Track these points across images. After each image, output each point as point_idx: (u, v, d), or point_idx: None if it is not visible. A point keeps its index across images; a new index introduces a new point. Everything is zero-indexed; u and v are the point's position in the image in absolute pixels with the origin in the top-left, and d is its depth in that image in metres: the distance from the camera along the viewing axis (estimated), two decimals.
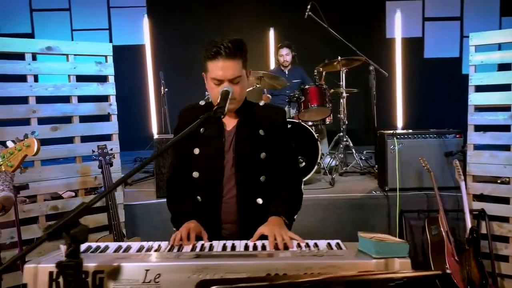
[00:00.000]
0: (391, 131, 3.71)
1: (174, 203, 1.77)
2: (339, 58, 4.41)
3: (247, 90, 3.98)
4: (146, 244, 1.47)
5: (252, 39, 6.15)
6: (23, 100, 3.05)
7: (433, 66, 6.59)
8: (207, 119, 1.38)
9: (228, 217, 1.71)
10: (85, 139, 3.27)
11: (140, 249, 1.41)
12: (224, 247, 1.44)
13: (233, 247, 1.44)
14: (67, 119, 3.22)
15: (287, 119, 4.00)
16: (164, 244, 1.47)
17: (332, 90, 4.51)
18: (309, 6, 4.42)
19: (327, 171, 4.23)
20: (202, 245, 1.46)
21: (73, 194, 3.40)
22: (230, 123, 1.76)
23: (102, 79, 3.37)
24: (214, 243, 1.48)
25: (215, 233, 1.61)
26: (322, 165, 4.27)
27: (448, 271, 0.84)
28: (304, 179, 3.89)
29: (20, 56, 3.03)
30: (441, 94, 6.37)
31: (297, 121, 4.06)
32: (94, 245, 1.46)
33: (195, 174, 1.73)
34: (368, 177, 4.40)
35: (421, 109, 6.26)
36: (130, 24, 6.20)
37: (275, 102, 4.93)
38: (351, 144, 4.67)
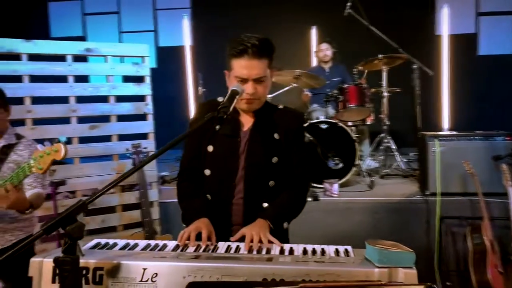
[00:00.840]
0: (433, 133, 3.52)
1: (183, 199, 1.73)
2: (380, 56, 4.25)
3: (279, 91, 4.00)
4: (153, 242, 1.47)
5: (293, 38, 6.12)
6: (64, 100, 3.20)
7: (488, 64, 6.18)
8: (211, 119, 1.35)
9: (236, 219, 1.67)
10: (122, 137, 3.37)
11: (145, 248, 1.42)
12: (228, 249, 1.42)
13: (237, 249, 1.41)
14: (105, 118, 3.33)
15: (326, 119, 3.99)
16: (170, 243, 1.46)
17: (373, 90, 4.36)
18: (349, 4, 4.30)
19: (366, 173, 4.08)
20: (207, 246, 1.44)
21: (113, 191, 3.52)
22: (247, 123, 1.72)
23: (140, 79, 3.46)
24: (220, 244, 1.46)
25: (225, 235, 1.56)
26: (361, 167, 4.13)
27: (434, 286, 0.75)
28: (340, 182, 3.79)
29: (61, 58, 3.18)
30: (495, 94, 5.97)
31: (334, 121, 3.95)
32: (103, 241, 1.48)
33: (207, 172, 1.70)
34: (411, 180, 4.20)
35: (472, 110, 5.88)
36: (175, 26, 6.32)
37: (315, 101, 4.84)
38: (393, 146, 4.47)
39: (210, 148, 1.69)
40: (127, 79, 3.49)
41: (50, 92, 3.14)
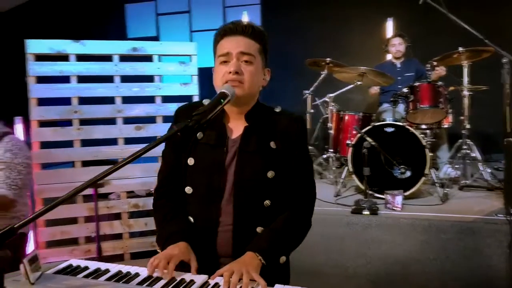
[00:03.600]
0: None
1: (160, 219, 1.45)
2: (461, 49, 3.67)
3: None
4: (126, 269, 1.27)
5: (366, 31, 5.65)
6: (110, 100, 3.18)
7: None
8: (184, 129, 1.11)
9: (225, 250, 1.38)
10: None
11: (113, 276, 1.23)
12: (205, 285, 1.17)
13: (216, 286, 1.16)
14: (151, 119, 3.26)
15: (393, 121, 3.54)
16: (143, 273, 1.25)
17: (451, 88, 3.79)
18: None
19: (438, 184, 3.54)
20: (182, 280, 1.21)
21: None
22: (236, 129, 1.43)
23: (187, 79, 3.34)
24: (197, 278, 1.21)
25: (211, 269, 1.26)
26: (432, 176, 3.60)
27: None
28: (405, 193, 3.33)
29: (107, 58, 3.16)
30: None
31: (400, 124, 3.49)
32: (76, 263, 1.32)
33: (188, 190, 1.42)
34: (496, 194, 3.56)
35: None
36: None
37: (384, 99, 4.38)
38: (476, 153, 3.86)
39: (191, 161, 1.42)
40: (174, 78, 3.39)
41: (96, 92, 3.13)
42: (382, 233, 3.03)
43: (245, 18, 4.73)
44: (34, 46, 2.97)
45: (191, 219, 1.43)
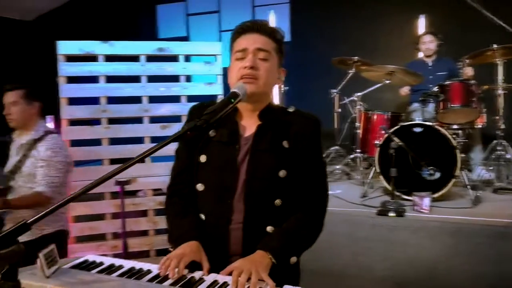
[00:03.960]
0: None
1: (171, 217, 1.46)
2: (494, 46, 3.52)
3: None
4: (139, 266, 1.29)
5: (397, 29, 5.51)
6: (137, 99, 3.24)
7: None
8: (191, 130, 1.12)
9: (235, 248, 1.37)
10: None
11: (125, 273, 1.25)
12: (213, 285, 1.17)
13: (223, 286, 1.16)
14: (176, 118, 3.30)
15: (421, 121, 3.43)
16: (155, 269, 1.27)
17: (485, 87, 3.65)
18: None
19: (469, 186, 3.41)
20: (192, 277, 1.22)
21: None
22: (249, 127, 1.42)
23: (212, 78, 3.37)
24: (207, 278, 1.22)
25: (221, 265, 1.26)
26: (464, 178, 3.47)
27: None
28: (434, 195, 3.23)
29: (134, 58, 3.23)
30: None
31: (429, 124, 3.38)
32: (91, 259, 1.35)
33: (199, 187, 1.42)
34: None
35: None
36: (275, 22, 6.17)
37: (415, 99, 4.27)
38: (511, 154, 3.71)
39: (203, 158, 1.41)
40: (200, 78, 3.42)
41: (124, 92, 3.20)
42: (409, 236, 2.95)
43: (272, 18, 4.72)
44: (65, 47, 3.07)
45: (202, 216, 1.43)
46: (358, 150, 4.12)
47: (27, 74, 6.09)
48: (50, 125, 3.25)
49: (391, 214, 3.05)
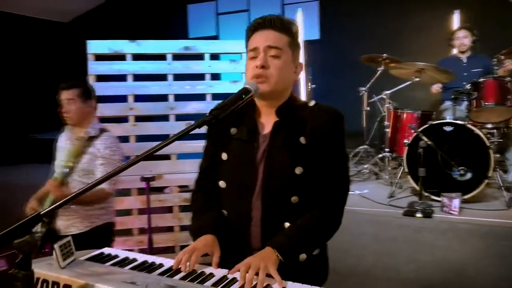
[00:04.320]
0: None
1: (194, 212, 1.51)
2: None
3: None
4: (151, 259, 1.32)
5: (428, 25, 5.36)
6: (163, 97, 3.30)
7: None
8: (200, 125, 1.14)
9: (255, 243, 1.38)
10: None
11: (138, 266, 1.27)
12: (221, 281, 1.17)
13: (230, 283, 1.16)
14: (201, 116, 3.32)
15: (452, 120, 3.32)
16: (167, 264, 1.29)
17: None
18: None
19: (503, 188, 3.27)
20: (202, 272, 1.22)
21: None
22: (268, 124, 1.41)
23: (238, 76, 3.38)
24: (216, 272, 1.22)
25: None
26: (498, 179, 3.32)
27: None
28: (465, 197, 3.12)
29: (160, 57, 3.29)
30: None
31: (461, 122, 3.26)
32: (107, 252, 1.38)
33: (222, 184, 1.44)
34: None
35: None
36: (304, 19, 6.12)
37: (447, 97, 4.14)
38: None
39: (224, 156, 1.43)
40: (226, 76, 3.45)
41: (150, 90, 3.27)
42: (436, 238, 2.87)
43: (299, 16, 4.68)
44: (94, 46, 3.16)
45: (225, 212, 1.46)
46: (386, 149, 4.03)
47: (65, 73, 6.31)
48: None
49: (418, 214, 2.97)
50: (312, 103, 1.44)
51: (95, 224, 2.45)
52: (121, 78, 3.24)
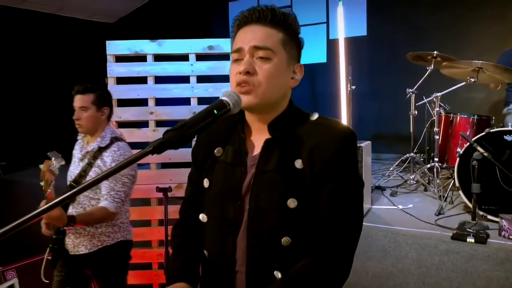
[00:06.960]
0: None
1: (172, 251, 1.26)
2: None
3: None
4: None
5: (484, 20, 4.77)
6: (186, 100, 3.08)
7: None
8: (145, 153, 0.86)
9: None
10: None
11: None
12: None
13: None
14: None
15: None
16: None
17: None
18: None
19: None
20: None
21: None
22: (258, 143, 1.12)
23: None
24: None
25: None
26: None
27: None
28: None
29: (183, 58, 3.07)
30: None
31: None
32: None
33: (202, 218, 1.17)
34: None
35: None
36: (348, 17, 5.73)
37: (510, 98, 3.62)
38: None
39: (206, 183, 1.15)
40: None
41: (172, 93, 3.06)
42: (492, 268, 2.43)
43: (340, 10, 4.26)
44: (114, 47, 3.00)
45: (206, 253, 1.18)
46: (436, 159, 3.58)
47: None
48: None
49: (470, 239, 2.53)
50: (315, 116, 1.13)
51: (105, 243, 2.23)
52: (142, 80, 3.05)
